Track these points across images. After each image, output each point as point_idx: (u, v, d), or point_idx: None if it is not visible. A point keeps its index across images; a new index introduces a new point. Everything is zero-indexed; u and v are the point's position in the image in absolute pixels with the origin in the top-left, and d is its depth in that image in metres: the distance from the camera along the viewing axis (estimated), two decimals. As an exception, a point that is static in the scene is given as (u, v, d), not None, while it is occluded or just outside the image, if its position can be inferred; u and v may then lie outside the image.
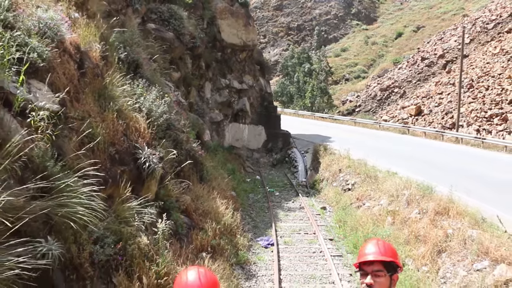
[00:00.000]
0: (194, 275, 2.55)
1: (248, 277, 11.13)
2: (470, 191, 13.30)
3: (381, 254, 2.98)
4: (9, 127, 5.90)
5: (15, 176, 5.42)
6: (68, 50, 8.33)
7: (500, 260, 8.71)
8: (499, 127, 38.70)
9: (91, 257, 6.53)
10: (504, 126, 38.31)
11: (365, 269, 2.95)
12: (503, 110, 39.76)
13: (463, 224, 10.81)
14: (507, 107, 39.83)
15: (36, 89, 6.89)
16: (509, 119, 38.39)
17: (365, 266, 2.95)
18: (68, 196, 5.95)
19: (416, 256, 10.92)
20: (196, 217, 10.87)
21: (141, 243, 7.37)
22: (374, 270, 2.92)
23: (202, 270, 2.61)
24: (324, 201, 20.17)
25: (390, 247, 3.09)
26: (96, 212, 6.18)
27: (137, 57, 12.79)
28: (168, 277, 7.42)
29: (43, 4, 8.30)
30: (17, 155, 5.42)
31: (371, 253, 2.97)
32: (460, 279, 9.19)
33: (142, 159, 8.93)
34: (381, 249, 3.00)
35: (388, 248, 3.05)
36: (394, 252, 3.07)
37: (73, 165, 6.67)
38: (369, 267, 2.93)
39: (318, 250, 13.47)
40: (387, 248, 3.05)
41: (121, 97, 9.70)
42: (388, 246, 3.09)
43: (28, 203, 5.30)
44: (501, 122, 39.00)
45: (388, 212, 14.20)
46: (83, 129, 7.31)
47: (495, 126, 39.25)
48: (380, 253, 2.98)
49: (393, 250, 3.09)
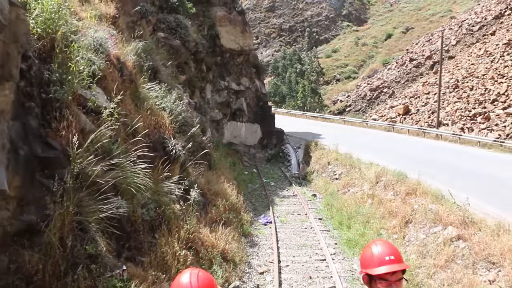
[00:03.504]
0: (190, 278, 2.51)
1: (252, 245, 13.63)
2: (435, 176, 15.81)
3: (401, 261, 2.94)
4: (85, 121, 8.28)
5: (97, 155, 7.78)
6: (112, 62, 10.71)
7: (449, 224, 11.20)
8: (482, 125, 39.98)
9: (141, 217, 8.93)
10: (487, 124, 39.59)
11: (387, 278, 2.84)
12: (486, 109, 41.23)
13: (426, 201, 13.35)
14: (490, 106, 41.31)
15: (96, 93, 9.26)
16: (491, 117, 39.81)
17: (387, 275, 2.84)
18: (127, 171, 8.36)
19: (389, 227, 13.41)
20: (209, 196, 13.32)
21: (175, 209, 9.82)
22: (397, 279, 2.88)
23: (196, 271, 2.57)
24: (315, 189, 22.69)
25: (398, 250, 3.03)
26: (143, 185, 8.60)
27: (155, 64, 15.15)
28: (194, 234, 9.87)
29: (94, 26, 10.66)
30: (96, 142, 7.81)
31: (392, 262, 2.87)
32: (420, 240, 11.67)
33: (170, 147, 11.34)
34: (397, 255, 2.94)
35: (398, 251, 3.00)
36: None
37: (126, 149, 9.05)
38: (392, 276, 2.85)
39: (309, 226, 15.97)
40: (398, 252, 2.99)
41: (150, 98, 12.10)
42: (396, 249, 3.03)
43: (105, 173, 7.68)
44: (484, 120, 40.35)
45: (369, 195, 16.71)
46: (128, 123, 9.69)
47: (478, 125, 40.44)
48: (399, 260, 2.92)
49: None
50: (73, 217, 6.51)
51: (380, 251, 2.93)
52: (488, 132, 38.60)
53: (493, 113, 40.29)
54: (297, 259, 12.73)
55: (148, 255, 8.27)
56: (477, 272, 9.04)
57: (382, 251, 2.93)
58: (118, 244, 7.70)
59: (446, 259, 10.04)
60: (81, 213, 6.76)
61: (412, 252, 11.40)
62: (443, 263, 10.00)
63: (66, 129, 7.15)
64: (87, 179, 7.08)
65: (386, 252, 2.92)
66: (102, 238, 7.10)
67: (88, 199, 7.07)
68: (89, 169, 7.26)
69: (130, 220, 8.53)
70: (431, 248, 10.96)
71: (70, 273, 6.09)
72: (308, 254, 13.16)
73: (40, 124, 7.00)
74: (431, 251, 10.85)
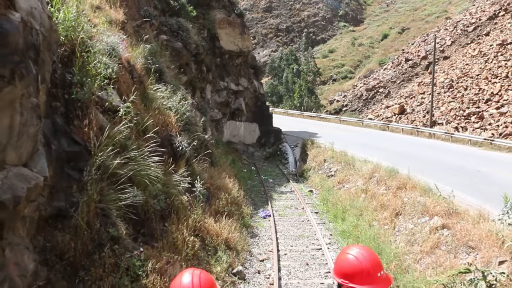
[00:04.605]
0: (191, 278, 2.52)
1: (252, 236, 14.57)
2: (424, 172, 16.73)
3: (388, 275, 2.82)
4: (102, 120, 9.16)
5: (114, 149, 8.66)
6: (124, 65, 11.58)
7: (435, 214, 12.12)
8: (475, 124, 40.84)
9: (153, 206, 9.82)
10: (480, 124, 40.42)
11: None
12: (480, 109, 42.12)
13: (415, 194, 14.28)
14: (484, 106, 42.18)
15: (111, 94, 10.14)
16: (485, 117, 40.64)
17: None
18: (141, 164, 9.25)
19: (381, 219, 14.32)
20: (212, 190, 14.23)
21: (183, 200, 10.71)
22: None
23: (198, 272, 2.58)
24: (311, 186, 23.65)
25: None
26: (155, 176, 9.49)
27: (160, 66, 16.03)
28: (201, 223, 10.78)
29: (106, 31, 11.53)
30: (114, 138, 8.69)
31: (383, 281, 2.75)
32: (409, 230, 12.60)
33: (176, 144, 12.23)
34: (382, 267, 2.81)
35: (381, 261, 2.87)
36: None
37: (139, 145, 9.93)
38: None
39: (306, 219, 16.90)
40: (381, 262, 2.86)
41: (158, 98, 12.99)
42: (379, 259, 2.87)
43: (122, 166, 8.56)
44: (477, 120, 41.20)
45: (362, 190, 17.65)
46: (139, 121, 10.57)
47: (472, 124, 41.29)
48: (388, 275, 2.81)
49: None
50: (96, 204, 7.37)
51: (369, 264, 2.75)
52: (481, 131, 39.26)
53: (486, 112, 41.10)
54: (294, 248, 13.68)
55: (160, 241, 9.16)
56: (458, 256, 9.95)
57: (371, 265, 2.75)
58: (135, 229, 8.60)
59: (431, 246, 10.96)
60: (103, 201, 7.62)
61: (401, 241, 12.32)
62: (429, 249, 10.92)
63: (88, 127, 8.00)
64: (107, 171, 7.92)
65: (376, 267, 2.75)
66: (122, 224, 7.99)
67: (108, 188, 7.93)
68: (108, 162, 8.13)
69: (144, 209, 9.41)
70: (418, 237, 11.88)
71: (96, 252, 6.97)
72: (305, 244, 14.10)
73: (65, 122, 7.87)
74: (419, 239, 11.77)
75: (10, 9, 5.40)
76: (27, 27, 5.71)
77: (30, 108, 5.83)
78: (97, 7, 12.81)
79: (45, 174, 6.06)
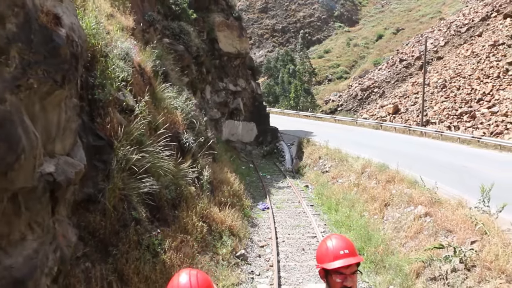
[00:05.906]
0: (189, 278, 2.53)
1: (253, 225, 15.78)
2: (412, 167, 17.93)
3: (355, 254, 3.00)
4: (120, 118, 10.30)
5: (131, 144, 9.81)
6: (136, 68, 12.73)
7: (419, 204, 13.34)
8: (468, 123, 41.72)
9: (165, 195, 10.98)
10: (472, 123, 41.29)
11: (342, 272, 2.91)
12: (472, 108, 43.09)
13: (402, 186, 15.50)
14: (476, 105, 43.11)
15: (127, 95, 11.29)
16: (477, 116, 41.52)
17: (342, 269, 2.90)
18: (156, 157, 10.42)
19: (371, 209, 15.51)
20: (216, 183, 15.41)
21: (191, 190, 11.89)
22: (352, 272, 2.94)
23: (195, 272, 2.59)
24: (307, 181, 24.89)
25: (352, 243, 3.09)
26: (168, 168, 10.67)
27: (166, 68, 17.17)
28: (207, 211, 11.97)
29: (120, 37, 12.67)
30: (131, 134, 9.85)
31: (346, 256, 2.93)
32: (396, 219, 13.81)
33: (183, 140, 13.40)
34: (352, 248, 3.00)
35: (352, 245, 3.06)
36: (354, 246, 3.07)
37: (152, 141, 11.09)
38: (347, 269, 2.91)
39: (302, 211, 18.12)
40: (353, 245, 3.05)
41: (166, 99, 14.15)
42: (351, 242, 3.08)
43: (139, 159, 9.72)
44: (469, 119, 42.10)
45: (355, 184, 18.86)
46: (151, 120, 11.72)
47: (464, 123, 42.17)
48: (353, 253, 2.98)
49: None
50: (120, 191, 8.53)
51: (335, 245, 3.00)
52: (473, 130, 39.97)
53: (478, 112, 41.94)
54: (292, 236, 14.89)
55: (173, 225, 10.33)
56: (437, 239, 11.12)
57: (336, 245, 2.99)
58: (151, 214, 9.76)
59: (415, 231, 12.15)
60: (125, 188, 8.78)
61: (388, 228, 13.53)
62: (413, 234, 12.11)
63: (109, 124, 9.15)
64: (127, 163, 9.09)
65: (340, 246, 2.99)
66: (141, 208, 9.15)
67: (128, 178, 9.10)
68: (128, 155, 9.28)
69: (157, 197, 10.57)
70: (404, 224, 13.08)
71: (122, 231, 8.14)
72: (301, 232, 15.31)
73: (90, 120, 9.01)
74: (404, 226, 12.97)
75: (58, 26, 6.55)
76: (69, 40, 6.86)
77: (72, 107, 6.98)
78: (110, 15, 13.94)
79: (84, 163, 7.21)
